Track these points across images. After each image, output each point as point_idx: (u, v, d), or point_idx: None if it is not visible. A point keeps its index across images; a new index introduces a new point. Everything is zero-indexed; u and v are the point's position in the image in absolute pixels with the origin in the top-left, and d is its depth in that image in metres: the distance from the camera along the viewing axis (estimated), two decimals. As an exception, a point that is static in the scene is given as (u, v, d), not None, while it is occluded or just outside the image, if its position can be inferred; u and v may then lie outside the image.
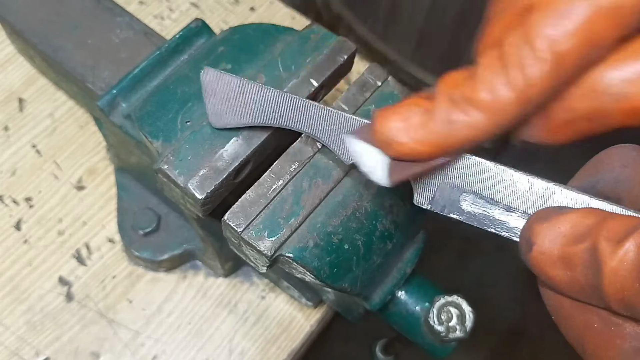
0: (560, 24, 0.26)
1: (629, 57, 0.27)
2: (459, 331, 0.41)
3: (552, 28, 0.26)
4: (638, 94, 0.27)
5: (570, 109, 0.28)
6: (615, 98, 0.27)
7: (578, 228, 0.25)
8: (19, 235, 0.53)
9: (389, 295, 0.41)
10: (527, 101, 0.26)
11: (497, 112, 0.27)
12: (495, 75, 0.26)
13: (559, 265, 0.26)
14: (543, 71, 0.26)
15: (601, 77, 0.27)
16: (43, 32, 0.50)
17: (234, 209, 0.35)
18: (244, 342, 0.52)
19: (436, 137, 0.28)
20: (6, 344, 0.49)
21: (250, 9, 0.65)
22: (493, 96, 0.26)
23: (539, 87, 0.26)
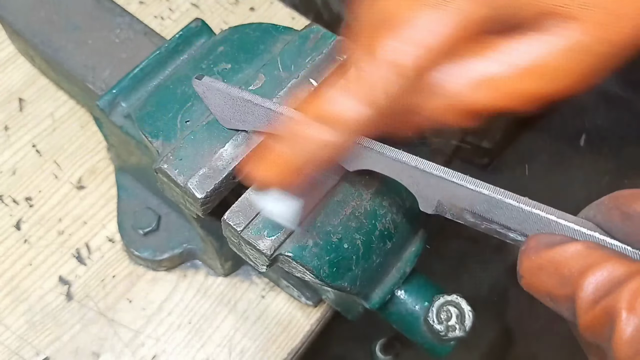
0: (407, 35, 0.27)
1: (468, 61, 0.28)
2: (458, 330, 0.41)
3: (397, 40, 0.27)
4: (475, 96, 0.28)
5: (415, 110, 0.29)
6: (452, 97, 0.29)
7: (563, 271, 0.26)
8: (19, 235, 0.53)
9: (388, 295, 0.41)
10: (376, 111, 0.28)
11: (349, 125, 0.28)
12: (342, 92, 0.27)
13: (547, 297, 0.27)
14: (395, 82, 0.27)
15: (442, 77, 0.28)
16: (43, 32, 0.50)
17: (233, 208, 0.35)
18: (244, 341, 0.52)
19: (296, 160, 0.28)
20: (6, 344, 0.50)
21: (250, 9, 0.66)
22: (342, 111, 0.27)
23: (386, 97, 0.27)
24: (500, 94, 0.28)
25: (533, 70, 0.28)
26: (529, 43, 0.28)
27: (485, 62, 0.28)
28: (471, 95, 0.28)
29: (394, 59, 0.27)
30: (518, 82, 0.28)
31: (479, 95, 0.28)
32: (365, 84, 0.27)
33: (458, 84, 0.28)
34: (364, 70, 0.27)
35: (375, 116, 0.28)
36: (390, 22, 0.28)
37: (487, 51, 0.28)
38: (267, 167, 0.29)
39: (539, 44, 0.28)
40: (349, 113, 0.27)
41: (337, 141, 0.28)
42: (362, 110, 0.27)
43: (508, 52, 0.28)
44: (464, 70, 0.28)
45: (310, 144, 0.28)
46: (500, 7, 0.27)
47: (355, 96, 0.27)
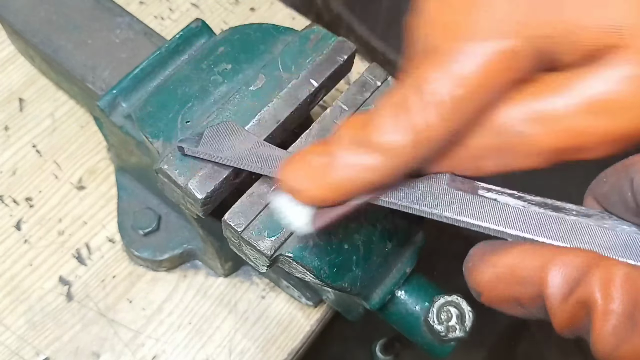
0: (453, 67, 0.26)
1: (523, 99, 0.27)
2: (458, 331, 0.41)
3: (442, 72, 0.26)
4: (535, 133, 0.27)
5: (472, 147, 0.28)
6: (511, 136, 0.27)
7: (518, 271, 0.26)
8: (19, 235, 0.53)
9: (388, 295, 0.41)
10: (421, 144, 0.27)
11: (392, 155, 0.27)
12: (387, 119, 0.27)
13: (514, 304, 0.26)
14: (437, 115, 0.26)
15: (497, 115, 0.27)
16: (43, 32, 0.50)
17: (234, 209, 0.35)
18: (244, 341, 0.52)
19: (337, 181, 0.28)
20: (6, 344, 0.50)
21: (251, 9, 0.66)
22: (387, 139, 0.27)
23: (433, 131, 0.26)
24: (565, 132, 0.26)
25: (596, 105, 0.26)
26: (586, 77, 0.26)
27: (544, 99, 0.27)
28: (534, 132, 0.27)
29: (433, 91, 0.26)
30: (582, 119, 0.26)
31: (544, 132, 0.27)
32: (407, 112, 0.26)
33: (511, 119, 0.27)
34: (407, 100, 0.26)
35: (418, 146, 0.27)
36: (433, 53, 0.27)
37: (544, 88, 0.27)
38: (306, 178, 0.28)
39: (597, 78, 0.26)
40: (393, 139, 0.26)
41: (381, 167, 0.27)
42: (404, 139, 0.26)
43: (567, 88, 0.26)
44: (520, 107, 0.27)
45: (350, 167, 0.27)
46: (547, 41, 0.26)
47: (398, 123, 0.26)
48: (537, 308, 0.25)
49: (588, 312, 0.24)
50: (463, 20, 0.27)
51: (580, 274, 0.24)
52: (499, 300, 0.26)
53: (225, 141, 0.36)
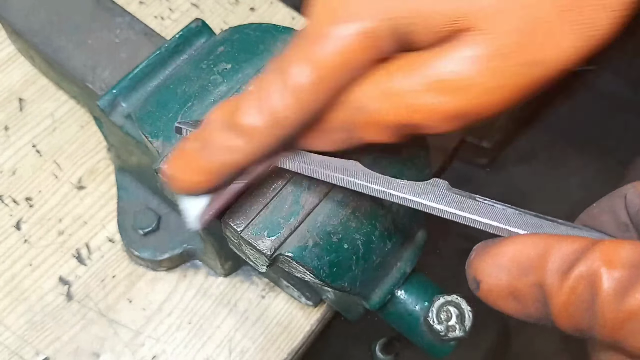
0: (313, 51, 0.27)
1: (376, 77, 0.28)
2: (458, 330, 0.41)
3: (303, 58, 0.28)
4: (383, 109, 0.28)
5: (326, 120, 0.30)
6: (361, 111, 0.29)
7: (520, 260, 0.26)
8: (19, 235, 0.53)
9: (388, 295, 0.41)
10: (279, 125, 0.28)
11: (253, 137, 0.28)
12: (251, 102, 0.28)
13: (510, 298, 0.26)
14: (293, 97, 0.28)
15: (352, 93, 0.29)
16: (43, 32, 0.50)
17: (233, 208, 0.35)
18: (244, 341, 0.52)
19: (207, 164, 0.29)
20: (6, 344, 0.50)
21: (250, 9, 0.66)
22: (248, 122, 0.28)
23: (290, 112, 0.28)
24: (406, 109, 0.28)
25: (437, 84, 0.27)
26: (433, 58, 0.28)
27: (393, 77, 0.28)
28: (380, 108, 0.28)
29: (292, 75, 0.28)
30: (426, 97, 0.27)
31: (388, 108, 0.28)
32: (267, 96, 0.28)
33: (364, 96, 0.29)
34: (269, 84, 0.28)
35: (279, 127, 0.28)
36: (303, 37, 0.28)
37: (394, 67, 0.28)
38: (181, 167, 0.30)
39: (443, 58, 0.27)
40: (255, 122, 0.28)
41: (249, 149, 0.29)
42: (266, 120, 0.28)
43: (414, 67, 0.28)
44: (373, 85, 0.28)
45: (224, 148, 0.29)
46: (403, 22, 0.27)
47: (260, 107, 0.28)
48: (534, 301, 0.25)
49: (589, 287, 0.23)
50: (335, 4, 0.28)
51: (579, 255, 0.24)
52: (497, 291, 0.26)
53: None
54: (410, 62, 0.28)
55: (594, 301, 0.23)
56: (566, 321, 0.24)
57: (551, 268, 0.24)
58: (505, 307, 0.27)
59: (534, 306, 0.25)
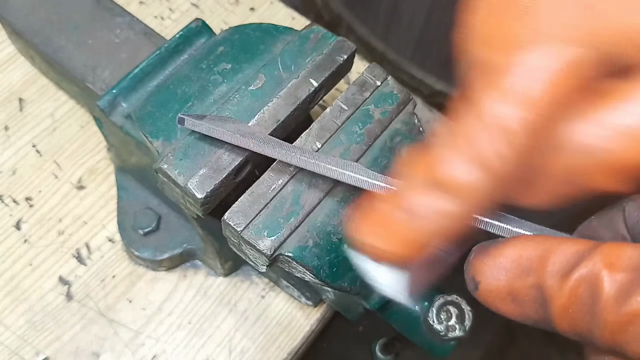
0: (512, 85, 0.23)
1: (596, 112, 0.24)
2: (458, 330, 0.41)
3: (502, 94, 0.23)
4: (615, 150, 0.24)
5: (543, 170, 0.26)
6: (588, 155, 0.25)
7: (520, 261, 0.25)
8: (19, 234, 0.53)
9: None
10: (494, 178, 0.24)
11: (465, 195, 0.24)
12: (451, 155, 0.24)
13: (508, 300, 0.25)
14: (506, 143, 0.23)
15: (570, 133, 0.25)
16: (43, 32, 0.50)
17: (233, 209, 0.35)
18: (244, 341, 0.52)
19: (415, 234, 0.25)
20: (6, 344, 0.50)
21: (250, 9, 0.66)
22: (457, 178, 0.24)
23: (505, 161, 0.24)
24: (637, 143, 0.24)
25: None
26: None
27: (621, 111, 0.24)
28: (614, 148, 0.24)
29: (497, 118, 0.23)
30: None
31: (625, 148, 0.24)
32: (474, 146, 0.24)
33: (587, 134, 0.24)
34: (471, 131, 0.24)
35: (493, 181, 0.24)
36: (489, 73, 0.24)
37: (617, 98, 0.24)
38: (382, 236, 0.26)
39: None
40: (466, 177, 0.24)
41: (460, 210, 0.24)
42: (478, 175, 0.24)
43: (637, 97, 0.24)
44: (596, 121, 0.24)
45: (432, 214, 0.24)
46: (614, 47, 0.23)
47: (468, 159, 0.24)
48: (532, 302, 0.24)
49: (589, 290, 0.22)
50: (517, 27, 0.24)
51: (580, 257, 0.23)
52: (496, 292, 0.25)
53: (229, 124, 0.36)
54: (633, 91, 0.24)
55: (595, 304, 0.22)
56: (566, 324, 0.23)
57: (551, 270, 0.23)
58: (503, 309, 0.26)
59: (532, 308, 0.25)
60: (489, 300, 0.26)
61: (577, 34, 0.23)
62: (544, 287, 0.24)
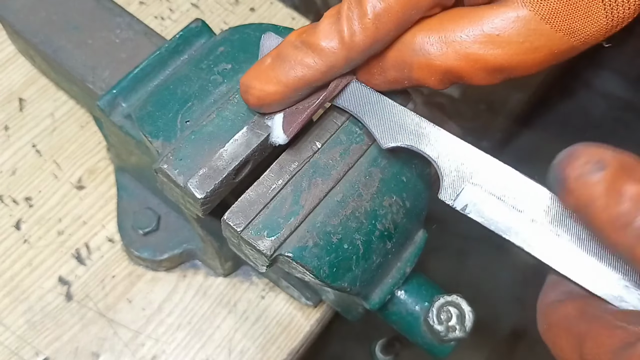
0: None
1: (433, 24, 0.32)
2: (458, 331, 0.41)
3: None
4: (434, 54, 0.32)
5: (384, 58, 0.34)
6: (416, 53, 0.32)
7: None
8: (19, 235, 0.53)
9: (388, 295, 0.41)
10: (347, 48, 0.32)
11: (325, 56, 0.32)
12: (326, 26, 0.32)
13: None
14: (360, 25, 0.31)
15: (411, 35, 0.33)
16: (43, 32, 0.50)
17: (233, 209, 0.35)
18: (244, 341, 0.52)
19: (281, 76, 0.33)
20: (6, 344, 0.50)
21: (250, 9, 0.66)
22: (321, 42, 0.32)
23: (356, 38, 0.31)
24: (461, 57, 0.32)
25: (487, 39, 0.31)
26: (488, 14, 0.31)
27: (448, 26, 0.32)
28: (433, 52, 0.32)
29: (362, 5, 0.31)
30: (473, 47, 0.31)
31: (440, 53, 0.32)
32: (340, 22, 0.32)
33: (425, 41, 0.32)
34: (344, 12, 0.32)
35: (345, 51, 0.32)
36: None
37: (451, 17, 0.32)
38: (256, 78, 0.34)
39: (495, 15, 0.31)
40: (325, 42, 0.32)
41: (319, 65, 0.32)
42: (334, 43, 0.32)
43: (468, 19, 0.31)
44: (431, 31, 0.32)
45: (294, 64, 0.33)
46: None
47: (332, 30, 0.32)
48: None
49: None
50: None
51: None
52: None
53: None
54: (464, 14, 0.32)
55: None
56: None
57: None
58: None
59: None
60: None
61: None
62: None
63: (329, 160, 0.37)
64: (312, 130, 0.38)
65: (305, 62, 0.33)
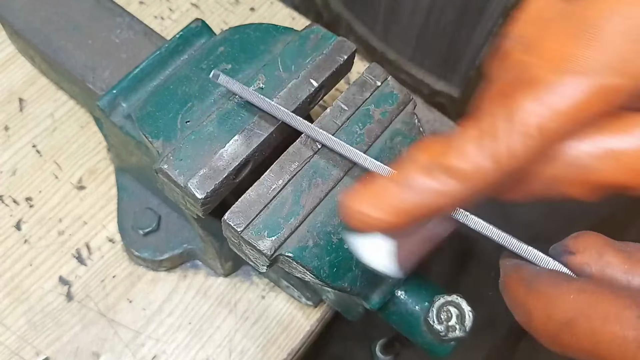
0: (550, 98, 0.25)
1: (600, 134, 0.27)
2: (458, 330, 0.41)
3: (539, 104, 0.26)
4: (599, 168, 0.27)
5: (533, 172, 0.28)
6: (575, 168, 0.27)
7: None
8: (19, 235, 0.53)
9: (388, 295, 0.41)
10: (501, 172, 0.26)
11: (469, 181, 0.26)
12: (471, 145, 0.26)
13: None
14: (523, 144, 0.26)
15: (569, 147, 0.27)
16: (43, 32, 0.50)
17: (234, 209, 0.35)
18: (244, 341, 0.52)
19: (405, 205, 0.27)
20: (6, 344, 0.50)
21: (250, 9, 0.66)
22: (471, 165, 0.26)
23: (518, 160, 0.26)
24: (629, 170, 0.27)
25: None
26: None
27: (617, 136, 0.27)
28: (599, 167, 0.27)
29: (525, 121, 0.25)
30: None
31: (608, 168, 0.27)
32: (494, 141, 0.26)
33: (582, 152, 0.27)
34: (496, 125, 0.26)
35: (497, 175, 0.26)
36: (530, 82, 0.26)
37: (622, 126, 0.27)
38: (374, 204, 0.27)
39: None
40: (472, 166, 0.26)
41: (455, 193, 0.26)
42: (486, 167, 0.26)
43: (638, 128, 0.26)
44: (593, 142, 0.27)
45: (421, 190, 0.27)
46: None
47: (483, 149, 0.26)
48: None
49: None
50: (572, 51, 0.26)
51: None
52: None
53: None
54: (633, 123, 0.27)
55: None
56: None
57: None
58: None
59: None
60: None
61: (623, 66, 0.25)
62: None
63: (329, 161, 0.37)
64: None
65: (437, 188, 0.26)
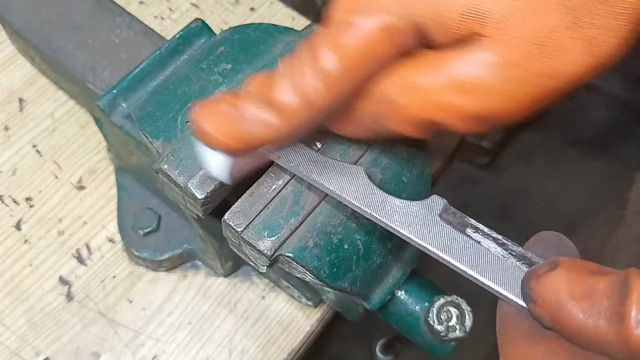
0: (341, 39, 0.29)
1: (402, 71, 0.30)
2: (458, 331, 0.41)
3: (332, 45, 0.29)
4: (406, 104, 0.30)
5: (356, 108, 0.31)
6: (388, 104, 0.30)
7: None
8: (19, 235, 0.53)
9: (388, 295, 0.41)
10: (311, 107, 0.29)
11: (287, 115, 0.29)
12: (285, 82, 0.29)
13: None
14: (323, 83, 0.29)
15: (379, 84, 0.30)
16: (43, 32, 0.50)
17: (234, 209, 0.35)
18: (244, 341, 0.52)
19: (241, 132, 0.30)
20: (6, 344, 0.50)
21: (250, 9, 0.66)
22: (282, 101, 0.29)
23: (320, 97, 0.29)
24: (433, 106, 0.29)
25: (463, 86, 0.28)
26: (454, 59, 0.29)
27: (419, 73, 0.29)
28: (406, 103, 0.30)
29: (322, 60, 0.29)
30: (449, 96, 0.29)
31: (414, 104, 0.29)
32: (303, 79, 0.29)
33: (389, 89, 0.30)
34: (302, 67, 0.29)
35: (309, 110, 0.29)
36: (329, 23, 0.30)
37: (419, 64, 0.29)
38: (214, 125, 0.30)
39: (463, 61, 0.28)
40: (288, 102, 0.29)
41: (280, 126, 0.30)
42: (298, 103, 0.29)
43: (437, 66, 0.29)
44: (400, 78, 0.30)
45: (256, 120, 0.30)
46: (421, 20, 0.29)
47: (293, 88, 0.29)
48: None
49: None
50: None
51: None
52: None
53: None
54: (432, 59, 0.29)
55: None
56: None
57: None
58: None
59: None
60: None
61: (397, 6, 0.28)
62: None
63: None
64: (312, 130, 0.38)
65: (265, 120, 0.30)
